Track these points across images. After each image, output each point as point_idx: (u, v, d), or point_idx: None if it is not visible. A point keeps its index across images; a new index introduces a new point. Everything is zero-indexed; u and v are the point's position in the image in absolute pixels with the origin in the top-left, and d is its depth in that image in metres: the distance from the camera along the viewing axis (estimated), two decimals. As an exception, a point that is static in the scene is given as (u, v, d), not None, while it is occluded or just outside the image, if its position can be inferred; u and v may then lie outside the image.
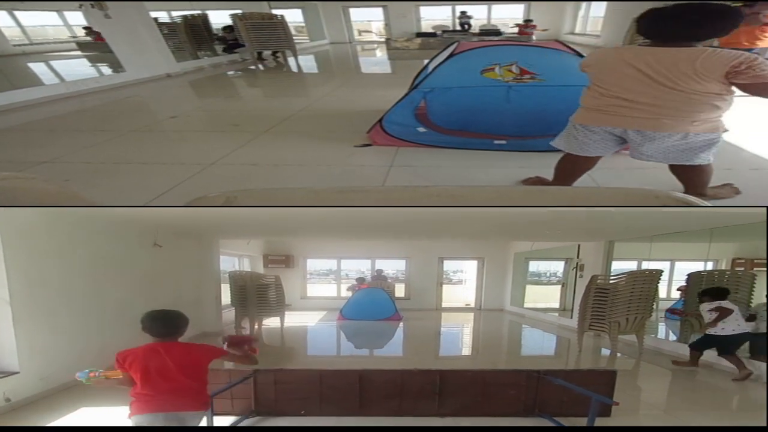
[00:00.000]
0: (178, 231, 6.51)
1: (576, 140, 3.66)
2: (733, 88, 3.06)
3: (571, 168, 3.95)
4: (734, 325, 4.54)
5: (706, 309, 4.69)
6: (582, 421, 3.25)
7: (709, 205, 1.50)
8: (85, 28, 16.89)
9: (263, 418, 3.57)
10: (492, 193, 1.99)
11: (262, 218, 5.66)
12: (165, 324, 2.30)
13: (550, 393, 3.60)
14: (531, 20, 20.06)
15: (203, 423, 2.41)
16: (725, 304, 4.60)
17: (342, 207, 3.84)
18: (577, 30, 21.70)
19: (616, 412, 3.48)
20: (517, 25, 20.20)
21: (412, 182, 4.59)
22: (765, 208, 3.83)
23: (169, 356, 2.22)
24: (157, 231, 6.03)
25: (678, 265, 7.24)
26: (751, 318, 4.80)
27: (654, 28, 3.24)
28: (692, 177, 3.65)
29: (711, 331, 4.62)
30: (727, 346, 4.61)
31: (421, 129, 5.37)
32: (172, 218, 5.44)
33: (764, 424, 3.12)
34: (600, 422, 3.27)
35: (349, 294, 9.78)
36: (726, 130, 3.29)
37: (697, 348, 4.92)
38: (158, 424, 2.16)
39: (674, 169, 3.71)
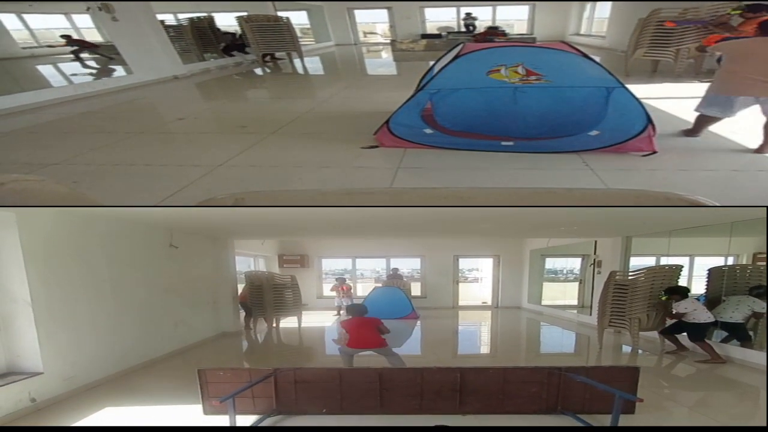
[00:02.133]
0: (192, 231, 6.55)
1: (719, 106, 5.14)
2: None
3: (707, 122, 5.48)
4: (705, 315, 5.07)
5: (689, 307, 5.16)
6: (606, 418, 3.22)
7: (717, 205, 1.49)
8: (63, 36, 16.95)
9: (285, 416, 3.57)
10: (500, 194, 1.98)
11: (275, 218, 5.68)
12: (353, 311, 4.76)
13: (572, 390, 3.56)
14: (497, 27, 19.72)
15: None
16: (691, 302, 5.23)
17: (349, 207, 3.85)
18: (582, 31, 21.39)
19: (640, 408, 3.44)
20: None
21: (419, 184, 4.57)
22: (765, 208, 3.83)
23: (357, 323, 4.57)
24: (173, 232, 6.07)
25: (698, 260, 7.12)
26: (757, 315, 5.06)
27: None
28: None
29: (686, 318, 5.15)
30: (697, 332, 5.12)
31: (428, 130, 5.35)
32: (186, 219, 5.47)
33: (764, 424, 3.07)
34: (624, 419, 3.24)
35: (333, 294, 9.79)
36: None
37: (671, 332, 5.47)
38: (346, 355, 4.47)
39: None
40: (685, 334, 5.31)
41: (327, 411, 3.58)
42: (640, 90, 5.43)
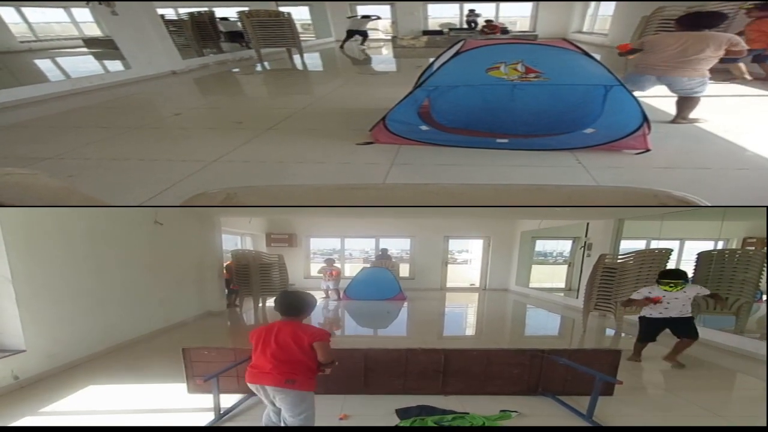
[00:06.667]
0: (179, 209, 6.50)
1: (635, 83, 5.74)
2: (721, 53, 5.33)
3: (688, 107, 5.91)
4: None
5: (701, 294, 4.53)
6: (585, 400, 3.25)
7: (708, 205, 1.48)
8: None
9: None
10: (490, 191, 1.98)
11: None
12: (285, 304, 2.49)
13: (553, 372, 3.61)
14: (492, 20, 20.12)
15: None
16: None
17: (341, 207, 3.81)
18: (585, 29, 20.95)
19: (618, 390, 3.49)
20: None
21: (412, 180, 4.52)
22: (765, 208, 3.81)
23: (281, 333, 2.39)
24: (157, 209, 6.02)
25: (688, 244, 7.16)
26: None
27: (688, 22, 5.52)
28: (689, 105, 5.78)
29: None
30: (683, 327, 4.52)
31: (424, 127, 5.29)
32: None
33: (764, 424, 3.11)
34: (603, 401, 3.28)
35: (321, 276, 9.51)
36: (710, 76, 5.55)
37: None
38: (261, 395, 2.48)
39: (678, 100, 5.85)
40: None
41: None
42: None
